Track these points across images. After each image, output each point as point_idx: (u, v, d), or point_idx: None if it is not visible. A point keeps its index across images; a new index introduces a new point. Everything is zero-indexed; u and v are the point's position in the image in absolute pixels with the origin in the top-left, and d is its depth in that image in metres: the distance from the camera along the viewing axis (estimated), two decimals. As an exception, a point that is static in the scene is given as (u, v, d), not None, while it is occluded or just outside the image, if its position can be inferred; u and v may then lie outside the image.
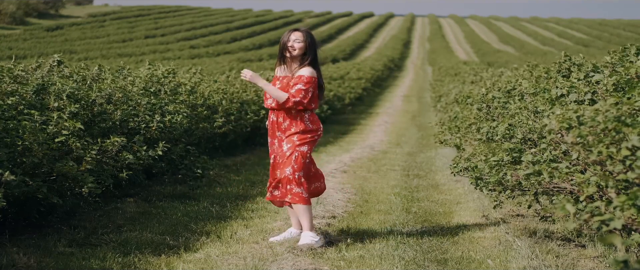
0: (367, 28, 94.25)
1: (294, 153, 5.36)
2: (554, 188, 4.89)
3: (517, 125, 5.64)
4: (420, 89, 37.51)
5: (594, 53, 52.61)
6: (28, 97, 5.77)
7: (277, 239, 5.53)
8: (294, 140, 5.39)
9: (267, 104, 5.55)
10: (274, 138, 5.51)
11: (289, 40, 5.38)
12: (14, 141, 4.99)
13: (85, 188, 5.34)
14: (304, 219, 5.36)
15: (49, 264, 4.74)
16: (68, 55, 44.00)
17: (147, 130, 7.05)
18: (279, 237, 5.57)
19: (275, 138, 5.50)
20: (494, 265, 4.88)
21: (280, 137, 5.47)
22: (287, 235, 5.57)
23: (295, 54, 5.38)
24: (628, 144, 3.59)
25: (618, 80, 4.97)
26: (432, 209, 7.20)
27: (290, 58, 5.41)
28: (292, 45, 5.36)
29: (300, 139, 5.40)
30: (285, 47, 5.37)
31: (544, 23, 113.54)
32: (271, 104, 5.47)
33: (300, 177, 5.35)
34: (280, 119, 5.45)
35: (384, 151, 13.35)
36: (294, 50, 5.37)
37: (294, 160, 5.35)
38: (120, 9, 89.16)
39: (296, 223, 5.59)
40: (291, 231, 5.60)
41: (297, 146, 5.37)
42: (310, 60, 5.39)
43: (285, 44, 5.36)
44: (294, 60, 5.42)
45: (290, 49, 5.37)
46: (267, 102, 5.54)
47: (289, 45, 5.36)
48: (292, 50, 5.37)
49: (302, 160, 5.36)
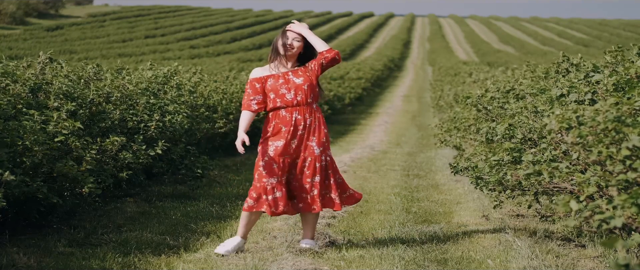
0: (367, 28, 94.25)
1: (329, 158, 5.31)
2: (554, 188, 4.89)
3: (517, 125, 5.64)
4: (420, 89, 37.51)
5: (594, 53, 52.61)
6: (24, 96, 5.76)
7: (228, 250, 5.15)
8: (324, 141, 5.28)
9: (286, 100, 5.22)
10: (294, 138, 5.20)
11: (288, 39, 5.33)
12: (14, 141, 4.99)
13: (85, 188, 5.34)
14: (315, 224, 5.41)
15: (49, 264, 4.74)
16: (68, 55, 43.97)
17: (147, 130, 7.05)
18: (228, 247, 5.19)
19: (295, 138, 5.20)
20: (494, 265, 4.88)
21: (304, 135, 5.21)
22: (235, 245, 5.22)
23: (293, 53, 5.33)
24: (628, 144, 3.59)
25: (618, 81, 4.97)
26: (432, 209, 7.20)
27: (286, 57, 5.33)
28: (291, 43, 5.33)
29: (328, 139, 5.34)
30: (284, 46, 5.32)
31: (544, 23, 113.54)
32: (292, 99, 5.22)
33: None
34: (306, 116, 5.23)
35: (384, 151, 13.35)
36: (293, 49, 5.32)
37: (335, 165, 5.35)
38: (120, 9, 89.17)
39: (246, 232, 5.27)
40: (239, 240, 5.26)
41: (328, 150, 5.33)
42: (308, 57, 5.37)
43: (285, 43, 5.32)
44: (289, 58, 5.35)
45: (289, 48, 5.31)
46: (287, 98, 5.21)
47: (289, 44, 5.32)
48: (291, 48, 5.32)
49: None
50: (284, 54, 5.31)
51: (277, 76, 5.29)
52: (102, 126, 6.54)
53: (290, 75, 5.29)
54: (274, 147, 5.19)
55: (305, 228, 5.36)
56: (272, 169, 5.15)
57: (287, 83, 5.25)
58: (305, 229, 5.36)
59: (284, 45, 5.30)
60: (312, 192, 5.22)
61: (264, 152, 5.21)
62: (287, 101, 5.21)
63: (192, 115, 8.65)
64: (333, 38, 79.99)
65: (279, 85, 5.24)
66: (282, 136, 5.19)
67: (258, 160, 5.24)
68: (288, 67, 5.35)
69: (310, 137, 5.22)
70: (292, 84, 5.24)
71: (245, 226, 5.25)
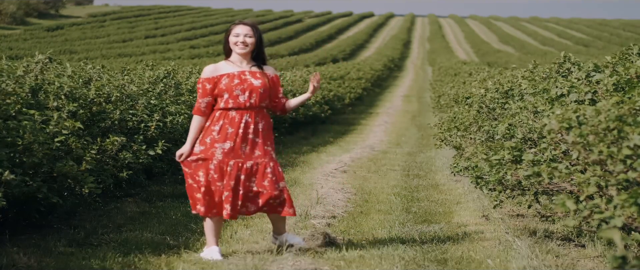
0: (367, 28, 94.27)
1: (275, 163, 5.05)
2: (554, 188, 4.89)
3: (517, 125, 5.64)
4: (420, 89, 37.52)
5: (594, 53, 52.63)
6: (24, 96, 5.75)
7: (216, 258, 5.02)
8: (271, 146, 5.06)
9: (239, 101, 4.96)
10: (243, 142, 4.95)
11: (239, 35, 5.04)
12: (14, 141, 4.99)
13: (85, 188, 5.34)
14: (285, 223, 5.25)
15: (49, 263, 4.74)
16: (68, 55, 44.00)
17: (147, 130, 7.05)
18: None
19: (244, 142, 4.95)
20: (494, 265, 4.87)
21: (255, 140, 4.98)
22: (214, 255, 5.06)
23: (247, 51, 5.06)
24: (629, 143, 3.58)
25: (618, 81, 4.97)
26: (432, 208, 7.20)
27: (241, 54, 5.06)
28: (244, 41, 5.04)
29: (273, 144, 5.12)
30: (235, 43, 5.04)
31: (544, 23, 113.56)
32: (245, 100, 4.97)
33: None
34: (257, 119, 5.00)
35: (384, 151, 13.34)
36: (246, 46, 5.04)
37: (279, 171, 5.07)
38: (121, 9, 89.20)
39: (217, 240, 5.12)
40: (216, 249, 5.08)
41: (274, 153, 5.09)
42: (263, 56, 5.15)
43: (236, 40, 5.03)
44: (244, 56, 5.07)
45: (241, 45, 5.04)
46: (241, 99, 4.95)
47: (241, 41, 5.04)
48: (244, 46, 5.04)
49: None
50: (238, 52, 5.05)
51: (233, 75, 5.02)
52: (102, 126, 6.54)
53: (247, 75, 5.05)
54: (221, 149, 4.94)
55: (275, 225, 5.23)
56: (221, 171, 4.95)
57: (243, 83, 5.00)
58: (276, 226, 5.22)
59: (235, 43, 5.04)
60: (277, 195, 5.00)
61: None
62: (240, 103, 4.97)
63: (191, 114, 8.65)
64: (333, 38, 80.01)
65: (234, 86, 4.98)
66: (229, 138, 4.96)
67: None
68: (244, 65, 5.09)
69: (263, 142, 5.01)
70: (248, 85, 4.99)
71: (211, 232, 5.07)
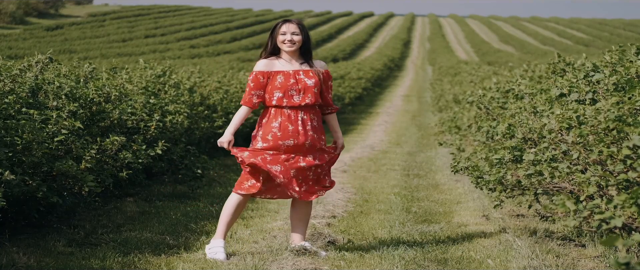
0: (367, 28, 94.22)
1: (330, 165, 5.27)
2: (554, 188, 4.89)
3: (517, 125, 5.64)
4: (421, 88, 37.50)
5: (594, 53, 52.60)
6: (24, 96, 5.75)
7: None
8: (324, 143, 5.20)
9: (293, 101, 5.02)
10: (305, 140, 5.02)
11: (286, 33, 5.10)
12: (13, 140, 4.99)
13: (85, 187, 5.34)
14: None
15: (49, 263, 4.74)
16: (68, 54, 43.95)
17: (147, 130, 7.05)
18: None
19: (306, 139, 5.03)
20: (494, 265, 4.87)
21: (314, 136, 5.05)
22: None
23: (295, 48, 5.12)
24: (629, 143, 3.58)
25: (618, 80, 4.97)
26: (432, 208, 7.19)
27: (289, 52, 5.12)
28: (291, 38, 5.09)
29: (325, 139, 5.26)
30: (283, 41, 5.10)
31: (544, 23, 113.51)
32: (301, 100, 5.03)
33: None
34: (312, 116, 5.08)
35: (384, 151, 13.34)
36: (294, 44, 5.09)
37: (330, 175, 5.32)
38: (120, 9, 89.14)
39: (226, 234, 5.15)
40: (221, 244, 5.11)
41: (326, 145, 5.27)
42: (310, 53, 5.20)
43: (284, 38, 5.09)
44: (292, 53, 5.15)
45: (289, 43, 5.09)
46: (295, 99, 5.02)
47: (289, 39, 5.09)
48: (291, 44, 5.09)
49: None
50: (286, 49, 5.10)
51: (288, 74, 5.07)
52: (102, 126, 6.53)
53: (301, 75, 5.10)
54: (285, 146, 5.02)
55: (296, 226, 5.25)
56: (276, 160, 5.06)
57: (298, 83, 5.05)
58: (296, 227, 5.25)
59: (283, 41, 5.08)
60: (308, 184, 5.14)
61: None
62: (294, 103, 5.02)
63: (191, 114, 8.65)
64: (333, 38, 79.98)
65: (290, 85, 5.02)
66: (291, 135, 5.01)
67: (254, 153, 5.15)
68: (294, 63, 5.13)
69: (318, 137, 5.10)
70: (303, 86, 5.05)
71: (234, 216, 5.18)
